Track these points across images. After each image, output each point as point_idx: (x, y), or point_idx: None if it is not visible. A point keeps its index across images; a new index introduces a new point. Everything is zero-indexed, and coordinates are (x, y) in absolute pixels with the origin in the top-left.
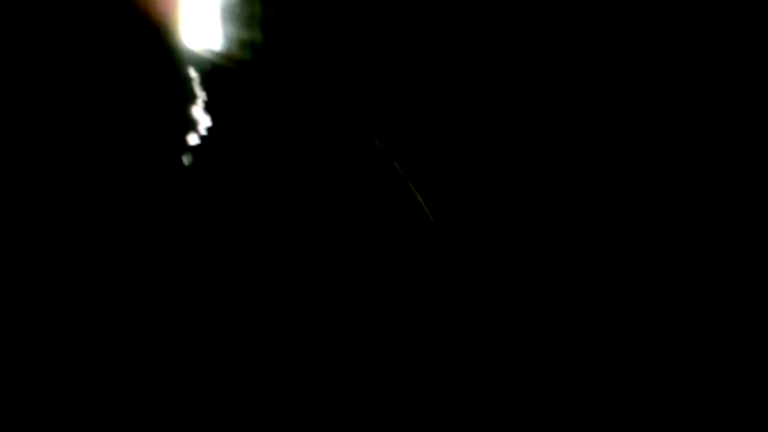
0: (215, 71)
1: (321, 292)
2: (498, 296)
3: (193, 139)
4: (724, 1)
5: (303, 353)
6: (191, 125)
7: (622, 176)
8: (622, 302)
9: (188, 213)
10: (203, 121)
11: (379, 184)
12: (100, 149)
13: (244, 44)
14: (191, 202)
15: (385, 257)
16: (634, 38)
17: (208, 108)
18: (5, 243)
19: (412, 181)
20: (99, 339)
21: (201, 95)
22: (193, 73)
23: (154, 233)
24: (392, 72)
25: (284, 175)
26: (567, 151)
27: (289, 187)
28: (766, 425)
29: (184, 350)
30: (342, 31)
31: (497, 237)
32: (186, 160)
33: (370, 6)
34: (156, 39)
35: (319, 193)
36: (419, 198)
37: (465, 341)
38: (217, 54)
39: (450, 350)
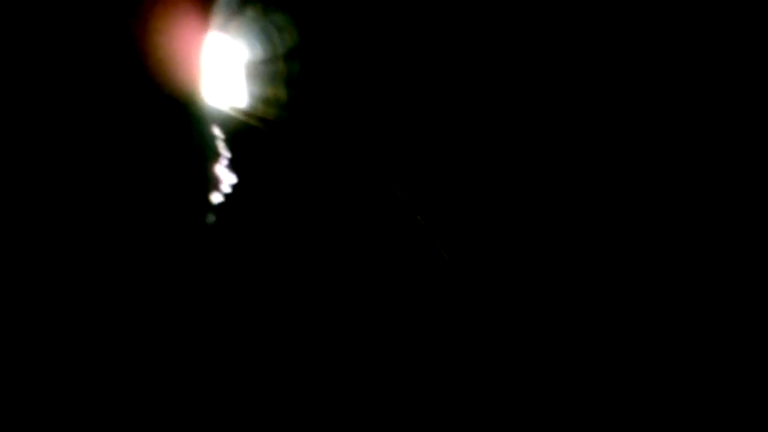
0: (240, 129)
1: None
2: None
3: (216, 198)
4: (724, 1)
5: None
6: (215, 184)
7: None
8: (619, 305)
9: (210, 270)
10: (228, 179)
11: (403, 240)
12: (122, 208)
13: (269, 102)
14: (213, 263)
15: (404, 306)
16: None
17: (233, 166)
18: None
19: (436, 237)
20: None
21: (226, 153)
22: (217, 131)
23: (174, 291)
24: (417, 125)
25: (308, 232)
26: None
27: (313, 245)
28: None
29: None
30: (365, 86)
31: (509, 278)
32: (209, 218)
33: (391, 61)
34: (178, 99)
35: (344, 251)
36: (443, 252)
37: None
38: (242, 112)
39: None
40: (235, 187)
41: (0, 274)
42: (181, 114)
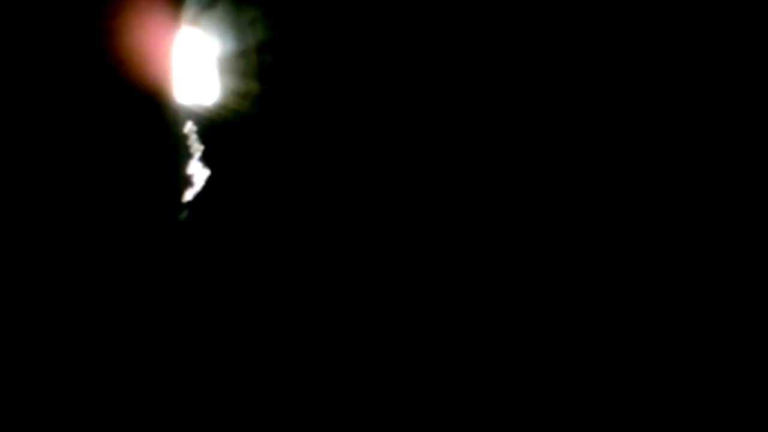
0: (213, 123)
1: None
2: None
3: (189, 194)
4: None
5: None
6: (187, 180)
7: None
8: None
9: (184, 271)
10: (201, 174)
11: (378, 242)
12: (92, 208)
13: (242, 95)
14: (187, 258)
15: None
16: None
17: (207, 161)
18: None
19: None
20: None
21: (199, 148)
22: (190, 126)
23: (148, 291)
24: (393, 122)
25: (283, 227)
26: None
27: (288, 240)
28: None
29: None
30: (339, 79)
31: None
32: (182, 215)
33: (367, 59)
34: (149, 96)
35: (319, 247)
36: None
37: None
38: (215, 106)
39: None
40: (209, 182)
41: None
42: (153, 111)
